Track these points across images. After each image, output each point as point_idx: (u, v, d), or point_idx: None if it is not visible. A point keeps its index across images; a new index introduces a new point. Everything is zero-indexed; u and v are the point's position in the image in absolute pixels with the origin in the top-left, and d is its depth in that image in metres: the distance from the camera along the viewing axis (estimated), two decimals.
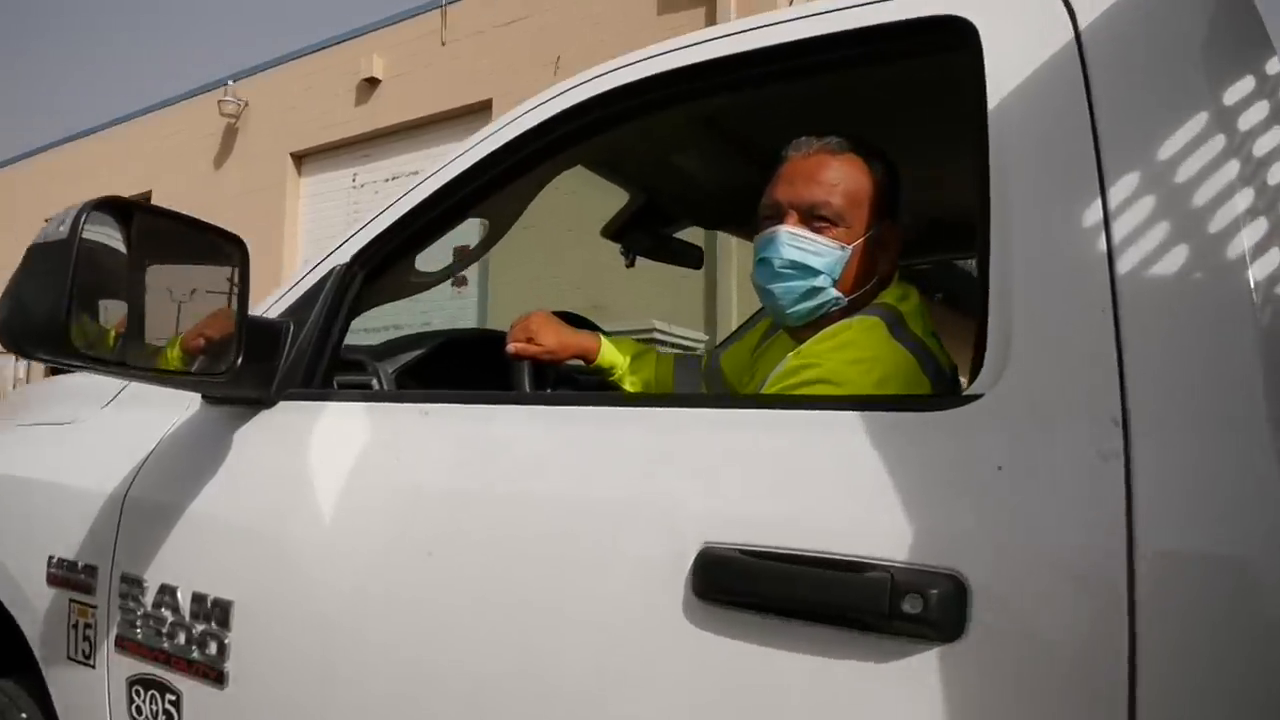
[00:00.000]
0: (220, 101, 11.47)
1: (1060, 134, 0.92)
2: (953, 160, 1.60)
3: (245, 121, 11.61)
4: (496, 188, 1.40)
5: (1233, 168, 0.85)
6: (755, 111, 1.44)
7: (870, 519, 0.87)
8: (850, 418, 0.92)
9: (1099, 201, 0.88)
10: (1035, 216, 0.90)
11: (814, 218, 1.20)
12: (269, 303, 1.48)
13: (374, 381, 1.57)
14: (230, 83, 11.63)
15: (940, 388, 1.14)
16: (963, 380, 1.07)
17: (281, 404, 1.36)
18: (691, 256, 2.19)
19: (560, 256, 7.62)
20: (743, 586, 0.89)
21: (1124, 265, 0.85)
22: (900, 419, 0.91)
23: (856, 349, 1.12)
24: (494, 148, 1.35)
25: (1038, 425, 0.83)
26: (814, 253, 1.19)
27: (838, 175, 1.22)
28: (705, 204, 2.01)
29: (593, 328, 1.68)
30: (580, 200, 2.10)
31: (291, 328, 1.40)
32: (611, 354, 1.56)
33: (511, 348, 1.49)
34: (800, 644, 0.86)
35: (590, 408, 1.11)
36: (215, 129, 11.82)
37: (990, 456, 0.84)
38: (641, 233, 2.10)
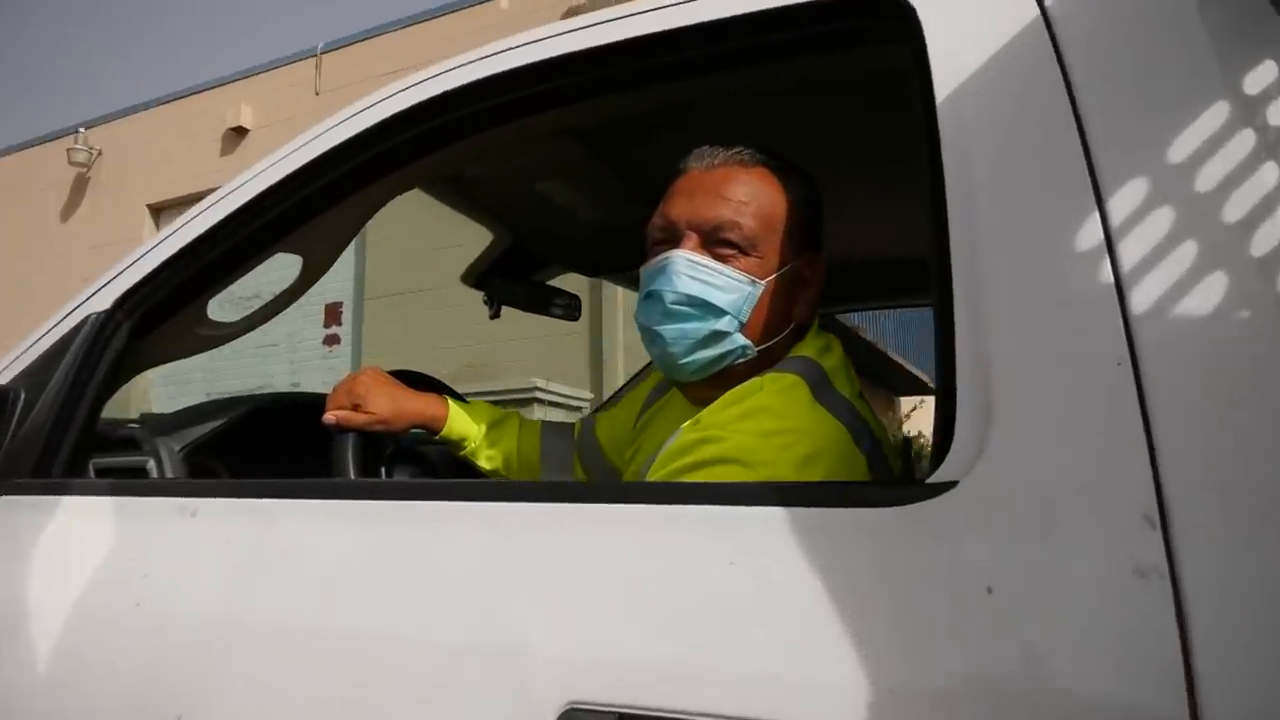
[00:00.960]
0: (70, 149, 10.65)
1: (1037, 136, 0.69)
2: (886, 182, 1.39)
3: (98, 171, 10.80)
4: (305, 214, 1.10)
5: (1270, 171, 0.62)
6: (635, 124, 1.19)
7: (800, 666, 0.60)
8: (768, 515, 0.65)
9: (1097, 219, 0.64)
10: (1013, 245, 0.67)
11: (718, 242, 0.95)
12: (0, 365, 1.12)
13: (151, 465, 1.22)
14: (81, 130, 10.83)
15: (877, 468, 0.88)
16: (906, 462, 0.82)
17: (1, 499, 1.00)
18: (567, 307, 1.91)
19: (445, 311, 7.25)
20: None
21: (1140, 301, 0.61)
22: (838, 517, 0.64)
23: (772, 417, 0.85)
24: (299, 165, 1.05)
25: (1040, 528, 0.58)
26: (718, 286, 0.94)
27: (749, 192, 0.97)
28: (582, 245, 1.74)
29: (442, 389, 1.37)
30: (467, 250, 1.80)
31: (22, 397, 1.04)
32: (462, 423, 1.26)
33: (330, 416, 1.17)
34: None
35: (412, 502, 0.81)
36: (63, 178, 10.97)
37: (974, 573, 0.58)
38: (508, 279, 1.81)
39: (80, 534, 0.94)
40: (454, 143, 1.06)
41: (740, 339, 0.95)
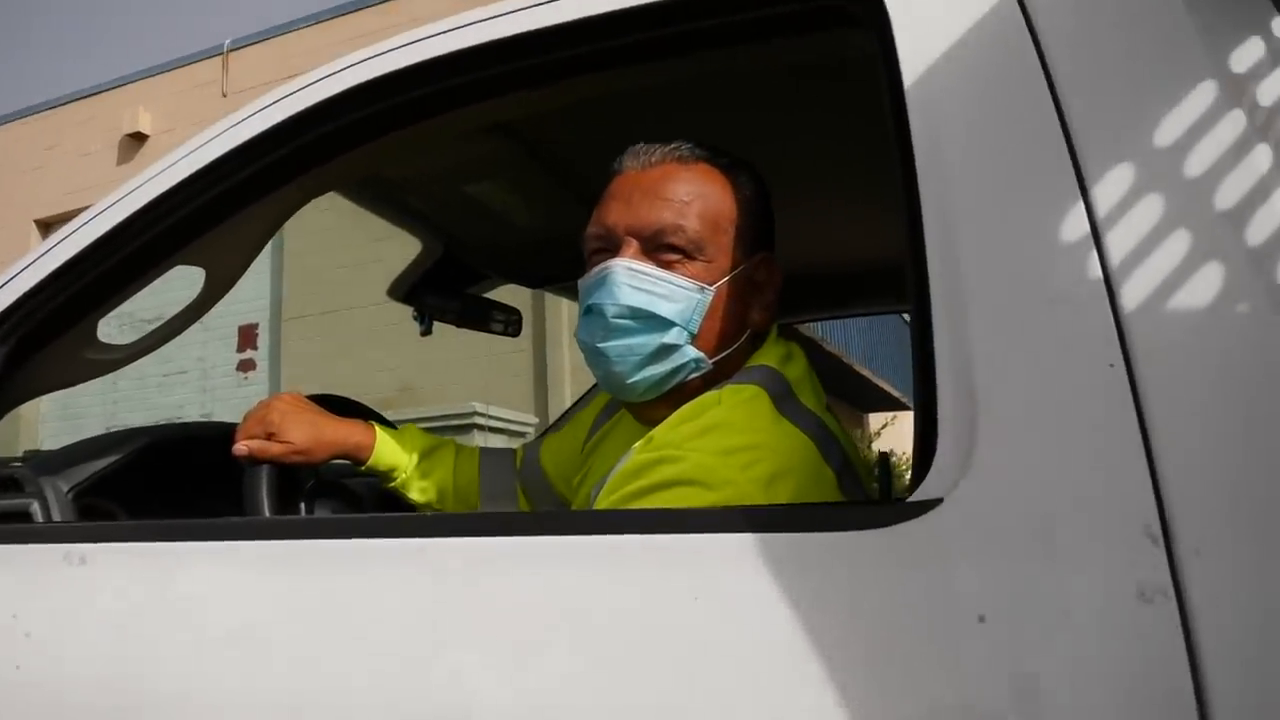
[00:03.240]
0: None
1: (1014, 123, 0.69)
2: (852, 181, 1.38)
3: None
4: (207, 222, 1.06)
5: (1263, 154, 0.63)
6: (574, 119, 1.16)
7: (773, 713, 0.58)
8: (732, 543, 0.63)
9: (1082, 209, 0.64)
10: (993, 241, 0.66)
11: (661, 247, 0.93)
12: None
13: (35, 508, 1.15)
14: None
15: (848, 487, 0.87)
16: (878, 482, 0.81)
17: None
18: (505, 322, 1.87)
19: (374, 330, 7.14)
20: None
21: (1131, 297, 0.61)
22: (811, 543, 0.62)
23: (732, 432, 0.83)
24: (198, 166, 1.01)
25: (1034, 548, 0.57)
26: (663, 295, 0.91)
27: (691, 191, 0.95)
28: (521, 254, 1.71)
29: (368, 415, 1.33)
30: (397, 264, 1.76)
31: None
32: (391, 451, 1.22)
33: (241, 447, 1.12)
34: None
35: (331, 540, 0.77)
36: None
37: (963, 601, 0.57)
38: (440, 293, 1.77)
39: None
40: (371, 140, 1.02)
41: (692, 351, 0.93)
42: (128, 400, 8.57)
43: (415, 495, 1.26)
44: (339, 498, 1.31)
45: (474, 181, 1.35)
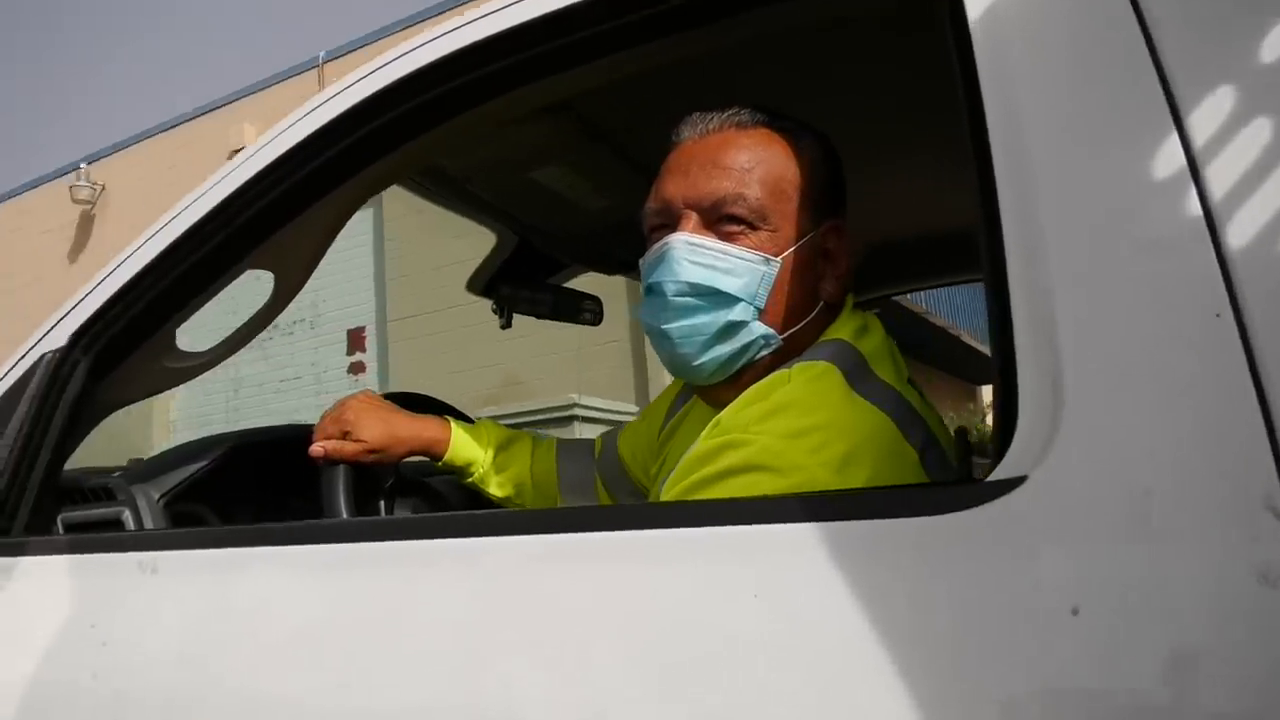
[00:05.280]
0: (72, 187, 10.89)
1: (1094, 49, 0.61)
2: (928, 141, 1.30)
3: (103, 208, 11.04)
4: (271, 224, 1.05)
5: None
6: (632, 93, 1.12)
7: None
8: (797, 534, 0.58)
9: (1176, 141, 0.56)
10: (1073, 183, 0.59)
11: (722, 219, 0.88)
12: None
13: (126, 516, 1.18)
14: (83, 165, 11.08)
15: (934, 467, 0.80)
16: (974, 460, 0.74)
17: None
18: (585, 311, 1.84)
19: (475, 327, 7.25)
20: None
21: (1237, 236, 0.53)
22: (882, 531, 0.57)
23: (800, 412, 0.78)
24: (257, 169, 1.01)
25: (1133, 528, 0.50)
26: (726, 270, 0.86)
27: (752, 158, 0.90)
28: (595, 239, 1.67)
29: (444, 411, 1.32)
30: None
31: None
32: (467, 446, 1.20)
33: (317, 448, 1.12)
34: None
35: (385, 542, 0.75)
36: (69, 219, 11.21)
37: (1054, 591, 0.50)
38: (517, 284, 1.75)
39: (38, 598, 0.90)
40: (425, 129, 1.00)
41: (760, 327, 0.87)
42: (248, 406, 8.92)
43: (494, 489, 1.24)
44: (420, 495, 1.30)
45: (539, 167, 1.32)
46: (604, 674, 0.60)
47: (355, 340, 8.67)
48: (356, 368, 8.69)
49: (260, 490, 1.37)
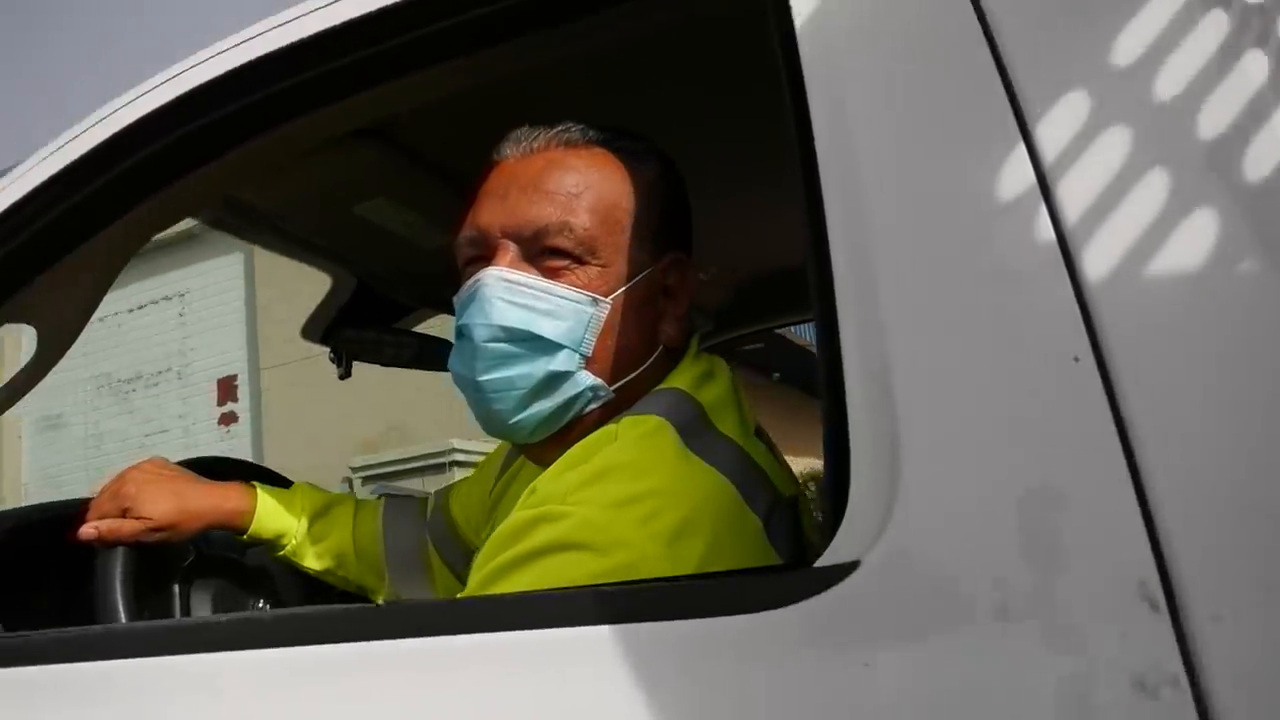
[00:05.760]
0: None
1: (930, 50, 0.53)
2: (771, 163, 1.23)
3: None
4: (23, 275, 0.90)
5: (1255, 63, 0.47)
6: (454, 113, 1.00)
7: None
8: (586, 641, 0.46)
9: (1024, 155, 0.48)
10: (908, 205, 0.50)
11: (544, 252, 0.76)
12: None
13: None
14: None
15: (782, 535, 0.70)
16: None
17: None
18: (439, 356, 1.71)
19: (355, 374, 6.98)
20: None
21: (1096, 265, 0.45)
22: (689, 634, 0.46)
23: (627, 477, 0.67)
24: (4, 204, 0.86)
25: (987, 625, 0.40)
26: (547, 312, 0.75)
27: (581, 181, 0.79)
28: (437, 279, 1.54)
29: (254, 475, 1.17)
30: None
31: None
32: (275, 516, 1.05)
33: (88, 529, 0.96)
34: None
35: (81, 665, 0.60)
36: None
37: (894, 707, 0.40)
38: (360, 330, 1.61)
39: None
40: (206, 159, 0.87)
41: (586, 378, 0.76)
42: (112, 463, 8.39)
43: (310, 562, 1.09)
44: (230, 574, 1.14)
45: (361, 201, 1.19)
46: None
47: (225, 390, 8.28)
48: (227, 418, 8.29)
49: (43, 579, 1.19)
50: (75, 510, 1.12)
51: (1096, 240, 0.45)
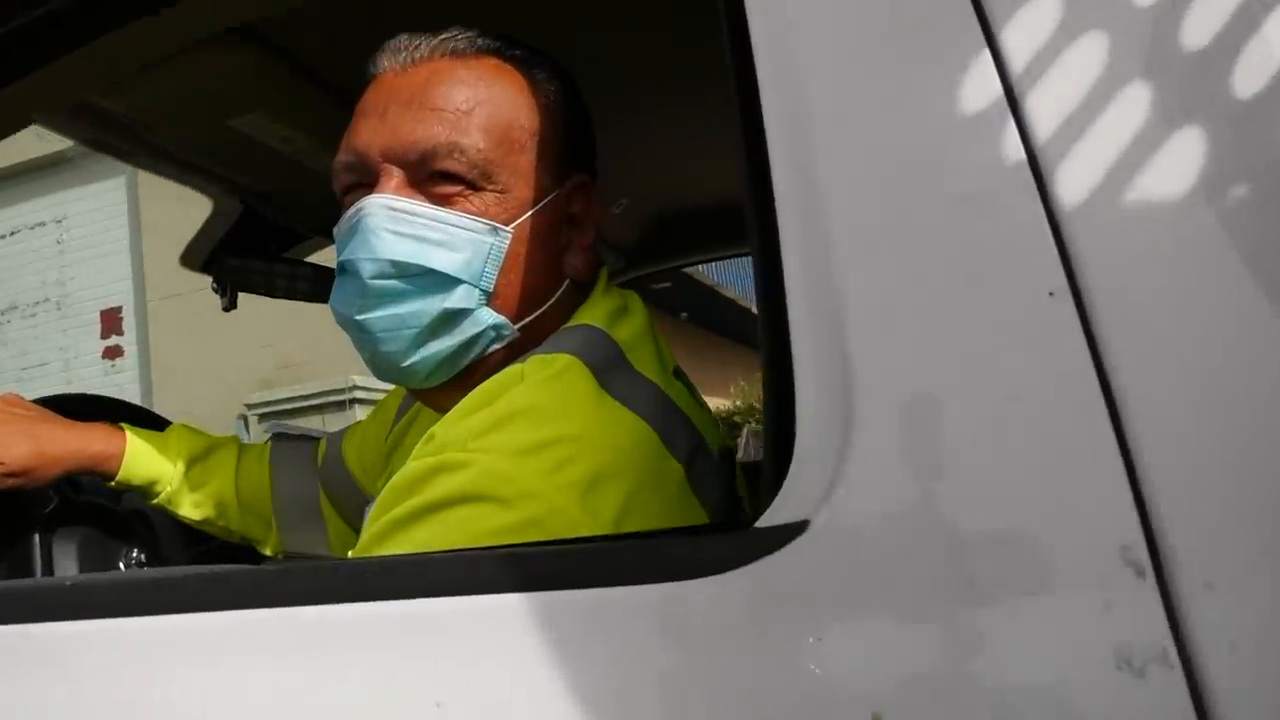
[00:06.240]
0: None
1: None
2: (698, 86, 1.15)
3: None
4: None
5: None
6: (338, 15, 0.89)
7: None
8: (516, 607, 0.40)
9: (991, 64, 0.42)
10: (865, 120, 0.44)
11: (434, 176, 0.68)
12: None
13: None
14: None
15: (703, 481, 0.65)
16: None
17: None
18: (324, 286, 1.60)
19: (244, 306, 6.69)
20: None
21: (1072, 187, 0.39)
22: (610, 605, 0.40)
23: (535, 422, 0.60)
24: None
25: (950, 593, 0.36)
26: (440, 243, 0.67)
27: (472, 96, 0.70)
28: (330, 205, 1.44)
29: (133, 416, 1.07)
30: None
31: None
32: (147, 460, 0.96)
33: None
34: None
35: None
36: None
37: (845, 687, 0.35)
38: (245, 259, 1.49)
39: None
40: (48, 57, 0.75)
41: (488, 315, 0.69)
42: None
43: (188, 511, 1.00)
44: (99, 523, 1.04)
45: (238, 113, 1.08)
46: None
47: (109, 322, 7.85)
48: (112, 352, 7.88)
49: None
50: None
51: (1071, 160, 0.40)
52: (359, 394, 5.31)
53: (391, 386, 1.04)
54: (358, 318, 0.68)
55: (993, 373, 0.38)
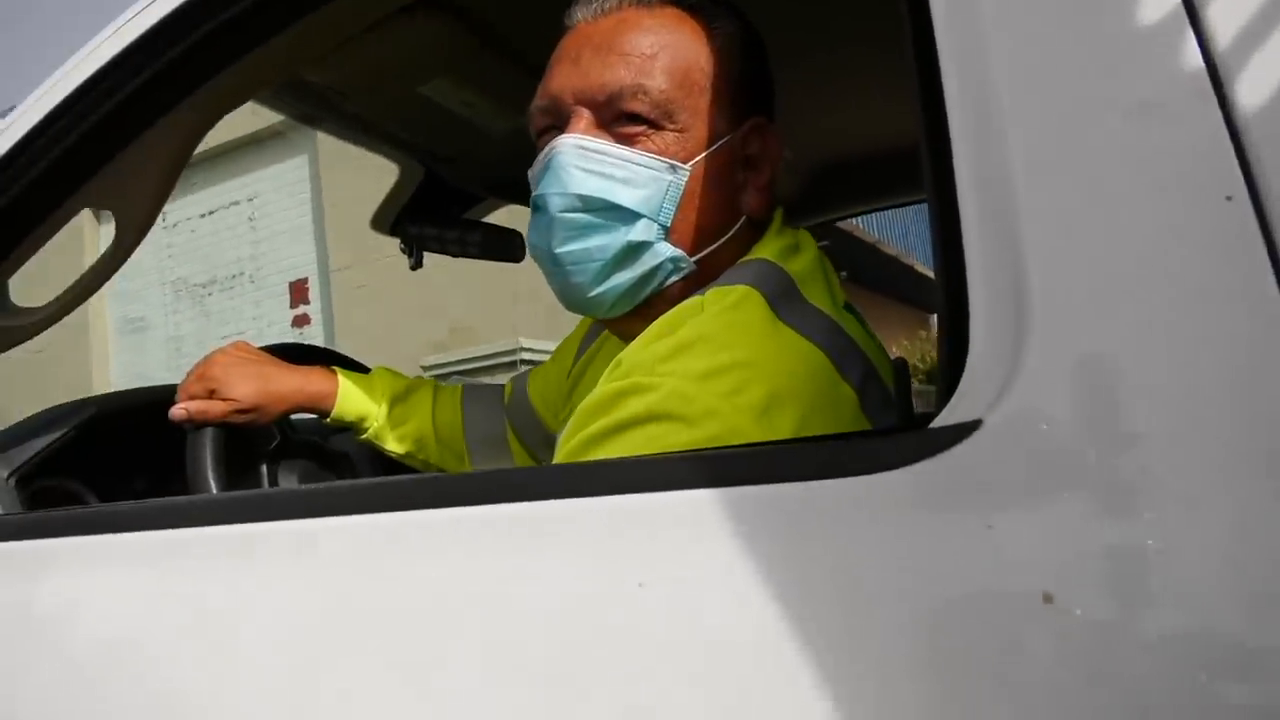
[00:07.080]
0: None
1: None
2: (868, 40, 1.16)
3: None
4: (98, 154, 0.89)
5: None
6: None
7: None
8: (695, 503, 0.45)
9: None
10: (1040, 31, 0.45)
11: (620, 117, 0.73)
12: None
13: None
14: None
15: (876, 408, 0.68)
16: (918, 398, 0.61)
17: None
18: (507, 246, 1.68)
19: (418, 274, 7.03)
20: None
21: (1251, 93, 0.40)
22: (800, 497, 0.44)
23: (714, 348, 0.65)
24: (74, 87, 0.85)
25: (1124, 489, 0.37)
26: (624, 180, 0.72)
27: (656, 42, 0.74)
28: (506, 167, 1.51)
29: (334, 361, 1.17)
30: None
31: None
32: (357, 400, 1.06)
33: (178, 410, 0.97)
34: None
35: (196, 529, 0.60)
36: None
37: (1018, 574, 0.38)
38: (429, 221, 1.59)
39: None
40: (272, 33, 0.84)
41: (667, 249, 0.73)
42: (190, 364, 8.65)
43: (392, 445, 1.10)
44: (314, 457, 1.16)
45: (426, 81, 1.15)
46: (458, 686, 0.47)
47: (298, 292, 8.41)
48: (301, 320, 8.45)
49: (138, 462, 1.23)
50: (166, 395, 1.14)
51: (1251, 67, 0.40)
52: (525, 355, 5.51)
53: (568, 333, 1.11)
54: (556, 250, 0.73)
55: (1170, 281, 0.39)
